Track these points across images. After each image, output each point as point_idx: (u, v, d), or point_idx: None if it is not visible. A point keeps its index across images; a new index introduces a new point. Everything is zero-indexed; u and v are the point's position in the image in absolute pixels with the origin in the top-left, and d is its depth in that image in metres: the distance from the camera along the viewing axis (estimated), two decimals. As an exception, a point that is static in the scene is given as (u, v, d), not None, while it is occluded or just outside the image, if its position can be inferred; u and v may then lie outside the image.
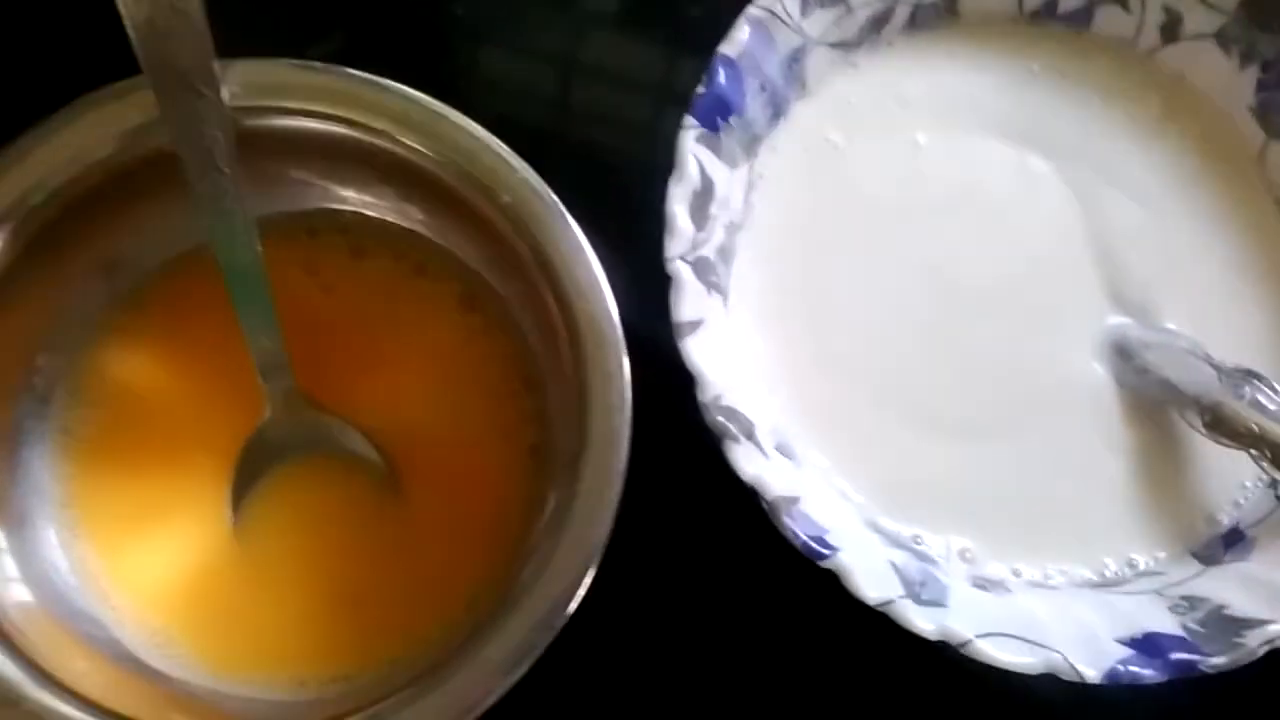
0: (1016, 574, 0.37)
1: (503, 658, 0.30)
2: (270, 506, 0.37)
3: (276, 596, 0.36)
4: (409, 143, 0.34)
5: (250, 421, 0.37)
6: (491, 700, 0.30)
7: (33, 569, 0.34)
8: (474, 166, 0.34)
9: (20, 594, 0.33)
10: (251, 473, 0.37)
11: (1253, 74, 0.41)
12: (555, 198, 0.33)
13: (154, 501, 0.37)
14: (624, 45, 0.46)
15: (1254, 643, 0.34)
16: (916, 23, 0.41)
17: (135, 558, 0.36)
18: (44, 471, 0.36)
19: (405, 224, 0.39)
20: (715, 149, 0.36)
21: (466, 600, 0.36)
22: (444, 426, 0.38)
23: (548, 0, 0.46)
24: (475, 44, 0.46)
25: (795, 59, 0.38)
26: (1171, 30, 0.41)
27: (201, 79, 0.31)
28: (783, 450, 0.36)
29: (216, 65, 0.31)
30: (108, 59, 0.32)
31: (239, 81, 0.33)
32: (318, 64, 0.34)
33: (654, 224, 0.35)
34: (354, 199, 0.38)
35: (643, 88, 0.46)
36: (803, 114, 0.40)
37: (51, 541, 0.36)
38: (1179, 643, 0.34)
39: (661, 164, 0.35)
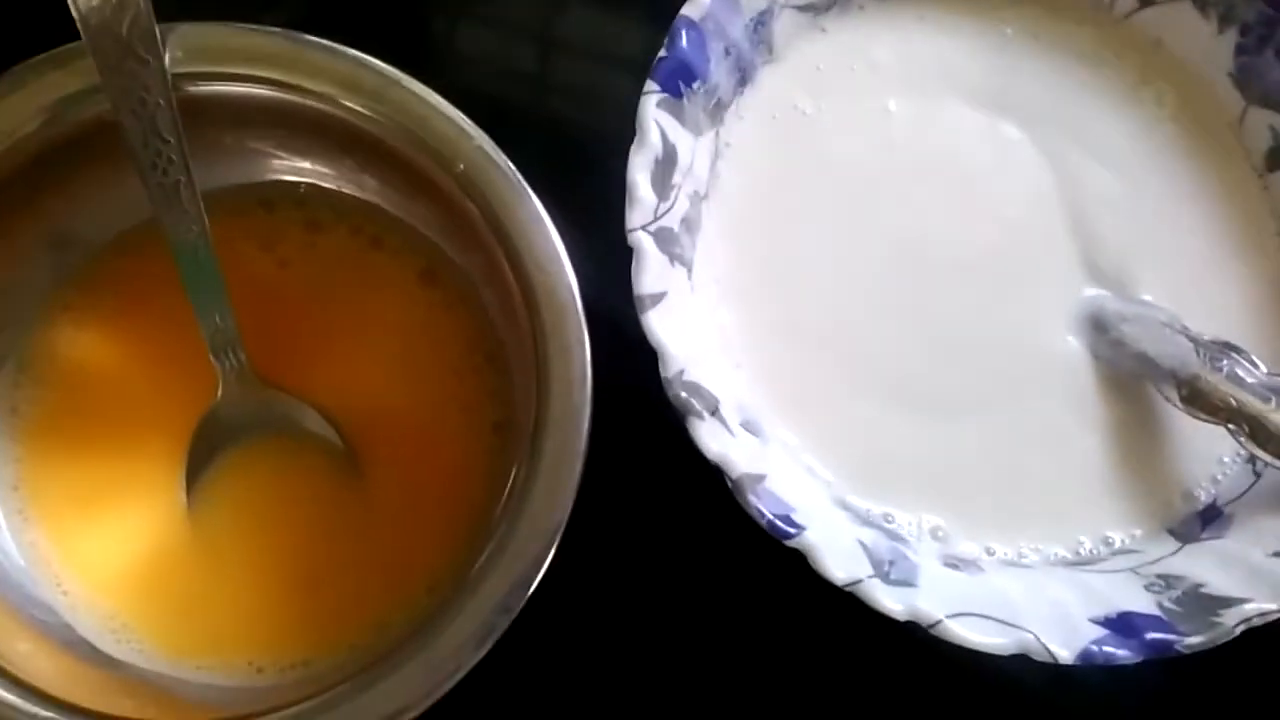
0: (989, 552, 0.37)
1: (462, 640, 0.30)
2: (225, 489, 0.36)
3: (232, 581, 0.36)
4: (360, 109, 0.33)
5: (204, 402, 0.36)
6: (451, 683, 0.29)
7: (-20, 554, 0.33)
8: (427, 133, 0.33)
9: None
10: (205, 454, 0.36)
11: (1231, 38, 0.40)
12: (512, 166, 0.33)
13: (106, 484, 0.36)
14: (597, 19, 0.46)
15: (1231, 621, 0.33)
16: (886, -15, 0.40)
17: (87, 542, 0.35)
18: (-8, 453, 0.35)
19: (363, 196, 0.38)
20: (678, 115, 0.34)
21: (427, 583, 0.35)
22: (404, 404, 0.37)
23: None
24: (443, 14, 0.45)
25: (761, 22, 0.37)
26: (1149, -8, 0.41)
27: (142, 44, 0.30)
28: (749, 427, 0.35)
29: (158, 29, 0.30)
30: (44, 24, 0.31)
31: (181, 46, 0.32)
32: (263, 28, 0.33)
33: (619, 198, 0.34)
34: (309, 170, 0.38)
35: (615, 62, 0.45)
36: (770, 80, 0.39)
37: (0, 525, 0.35)
38: (1155, 622, 0.33)
39: (630, 140, 0.34)
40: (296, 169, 0.38)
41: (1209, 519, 0.38)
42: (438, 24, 0.45)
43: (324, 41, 0.33)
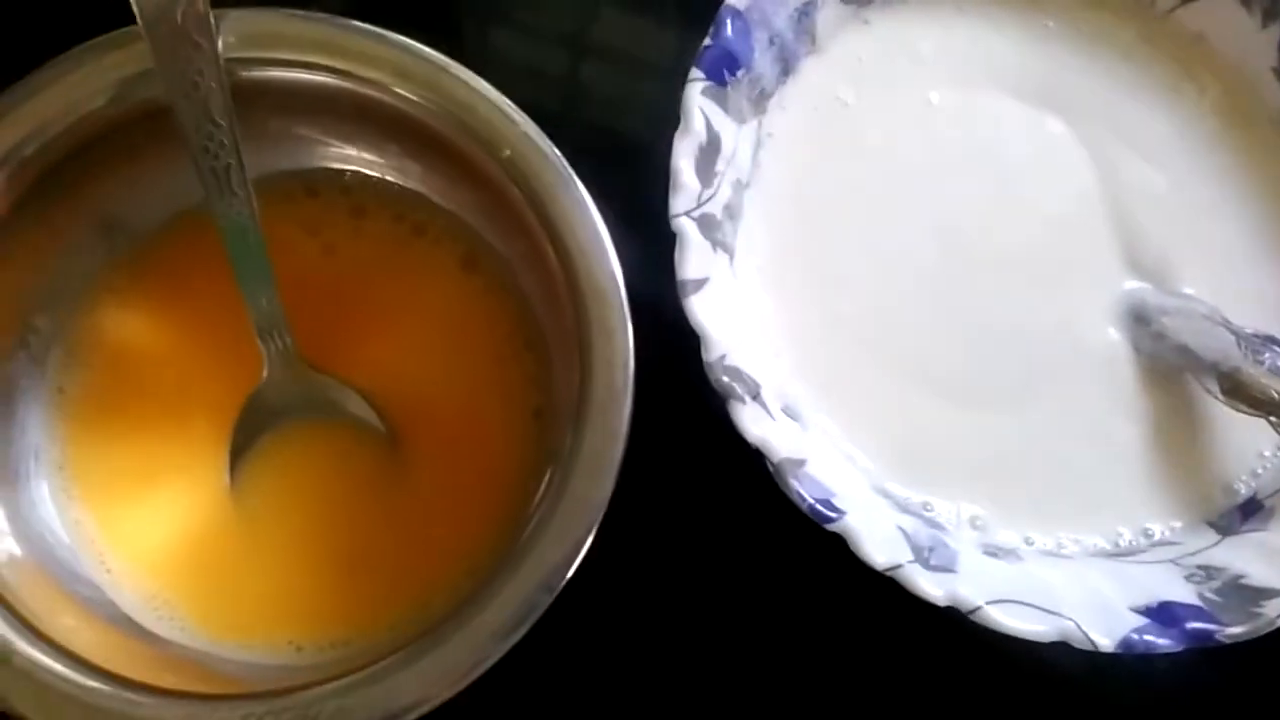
0: (1029, 542, 0.37)
1: (501, 620, 0.30)
2: (268, 469, 0.37)
3: (274, 560, 0.36)
4: (408, 95, 0.33)
5: (249, 383, 0.36)
6: (490, 663, 0.29)
7: (26, 529, 0.34)
8: (473, 119, 0.33)
9: (10, 547, 0.32)
10: (249, 435, 0.36)
11: (1275, 33, 0.40)
12: (557, 152, 0.33)
13: (150, 464, 0.36)
14: (635, 24, 0.46)
15: (1273, 612, 0.33)
16: (929, -23, 0.41)
17: (131, 520, 0.36)
18: (39, 432, 0.36)
19: (407, 184, 0.38)
20: (722, 103, 0.35)
21: (467, 566, 0.35)
22: (445, 390, 0.37)
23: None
24: (484, 22, 0.45)
25: (805, 13, 0.37)
26: (1191, -13, 0.40)
27: (196, 28, 0.31)
28: (789, 414, 0.35)
29: (212, 15, 0.31)
30: (101, 7, 0.32)
31: (234, 32, 0.33)
32: (314, 14, 0.33)
33: (661, 196, 0.35)
34: (355, 157, 0.38)
35: (650, 65, 0.45)
36: (813, 71, 0.39)
37: (47, 503, 0.35)
38: (1195, 612, 0.33)
39: (669, 137, 0.35)
40: (342, 156, 0.38)
41: (1249, 512, 0.37)
42: (470, 27, 0.46)
43: (371, 27, 0.34)
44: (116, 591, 0.35)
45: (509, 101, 0.33)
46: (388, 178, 0.38)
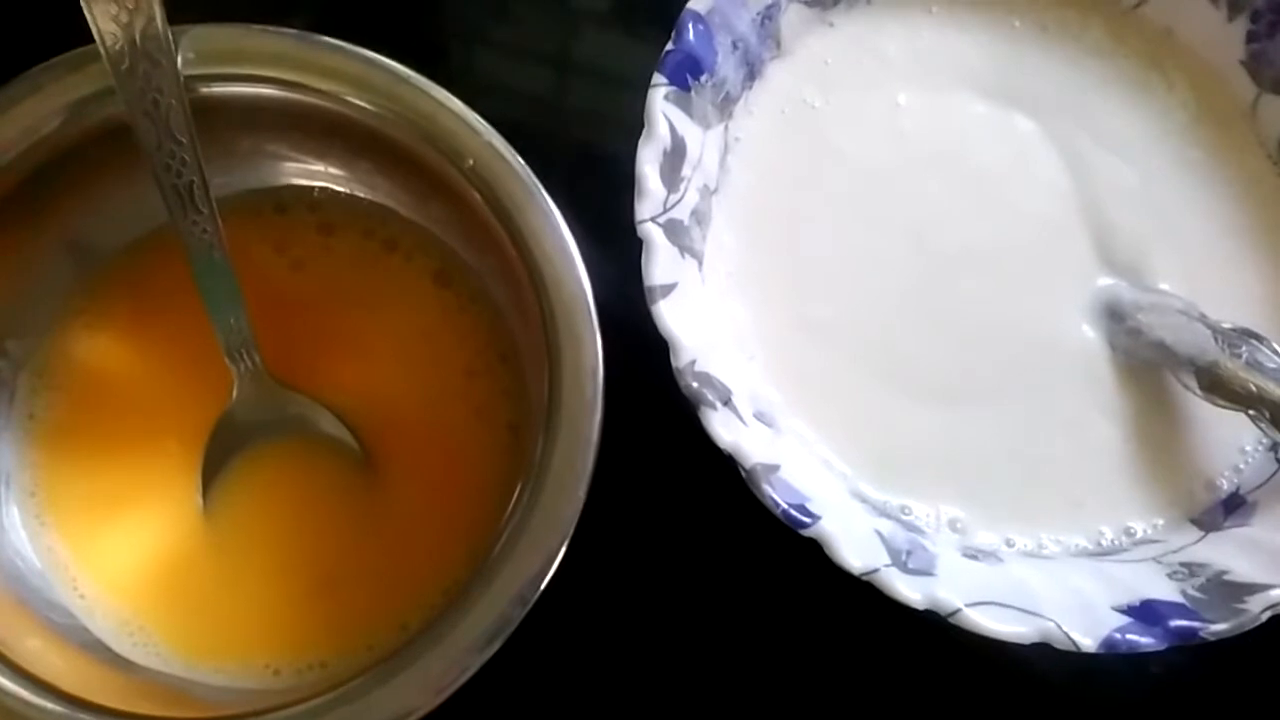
0: (1009, 544, 0.36)
1: (474, 636, 0.29)
2: (241, 491, 0.36)
3: (249, 583, 0.35)
4: (370, 107, 0.33)
5: (220, 404, 0.36)
6: (464, 678, 0.29)
7: (-4, 555, 0.33)
8: (436, 129, 0.33)
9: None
10: (221, 456, 0.36)
11: (1242, 25, 0.40)
12: (521, 161, 0.33)
13: (122, 488, 0.36)
14: (610, 40, 0.46)
15: (1257, 608, 0.32)
16: (892, -22, 0.40)
17: (104, 545, 0.35)
18: (10, 458, 0.35)
19: (376, 199, 0.38)
20: (686, 108, 0.35)
21: (445, 583, 0.35)
22: (420, 406, 0.37)
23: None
24: (459, 37, 0.45)
25: (769, 16, 0.37)
26: (1159, -20, 0.40)
27: (155, 46, 0.30)
28: (762, 419, 0.35)
29: (170, 31, 0.30)
30: (57, 27, 0.31)
31: (193, 48, 0.33)
32: (272, 28, 0.33)
33: (632, 206, 0.34)
34: (323, 173, 0.38)
35: (627, 81, 0.44)
36: (778, 74, 0.39)
37: (18, 529, 0.35)
38: (1178, 610, 0.33)
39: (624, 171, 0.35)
40: (310, 172, 0.38)
41: (1232, 507, 0.37)
42: (454, 45, 0.46)
43: (334, 41, 0.34)
44: (89, 617, 0.34)
45: (471, 112, 0.33)
46: (357, 193, 0.38)
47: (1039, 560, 0.36)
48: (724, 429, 0.32)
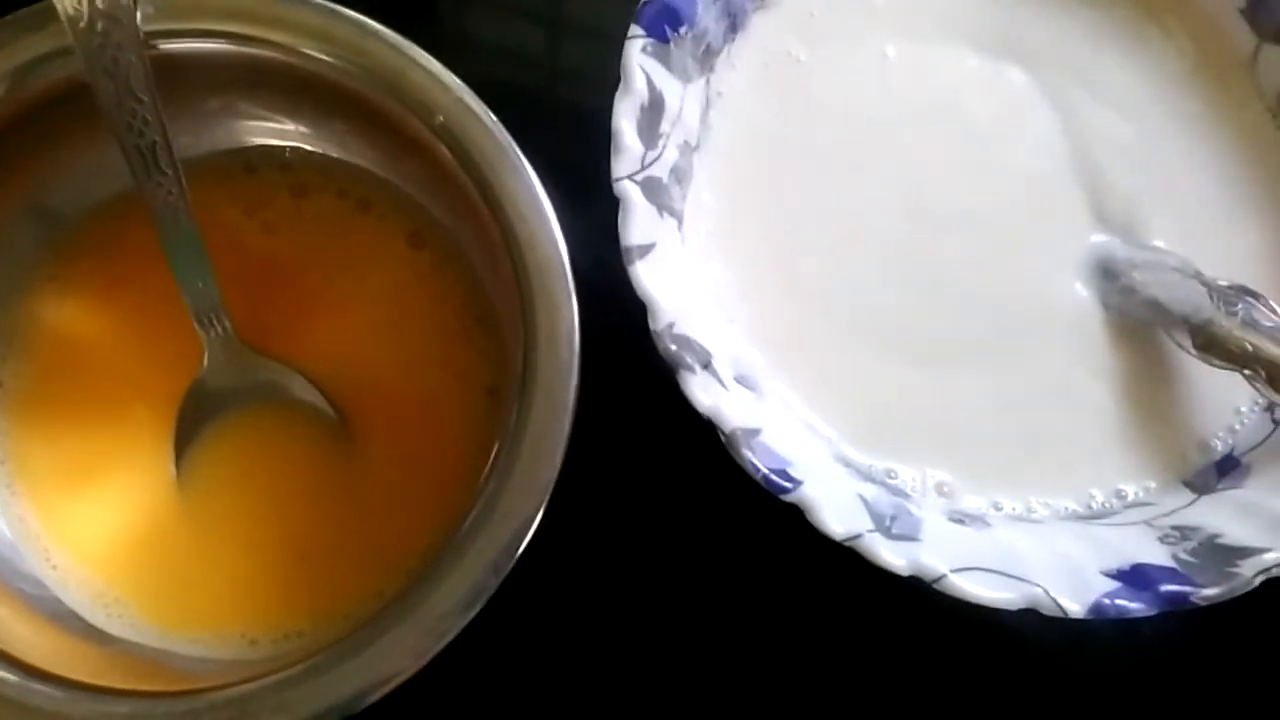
0: (997, 507, 0.36)
1: (451, 603, 0.29)
2: (215, 459, 0.36)
3: (223, 552, 0.35)
4: (335, 61, 0.32)
5: (192, 371, 0.35)
6: (440, 646, 0.29)
7: (-36, 527, 0.33)
8: (405, 85, 0.32)
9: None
10: (193, 424, 0.36)
11: (1241, -29, 0.39)
12: (493, 117, 0.32)
13: (93, 457, 0.36)
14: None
15: (1249, 572, 0.32)
16: (880, -74, 0.39)
17: (76, 515, 0.35)
18: (-22, 427, 0.35)
19: (348, 158, 0.37)
20: (665, 61, 0.34)
21: (422, 551, 0.35)
22: (396, 371, 0.37)
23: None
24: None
25: (751, -35, 0.36)
26: (1155, -74, 0.39)
27: (112, 2, 0.29)
28: (744, 382, 0.34)
29: (129, -15, 0.29)
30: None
31: (153, 3, 0.32)
32: (235, -19, 0.32)
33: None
34: (293, 133, 0.37)
35: (611, 38, 0.44)
36: (761, 26, 0.38)
37: (-13, 500, 0.34)
38: (1169, 574, 0.32)
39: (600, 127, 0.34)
40: (280, 132, 0.37)
41: (1226, 469, 0.36)
42: (441, 2, 0.45)
43: (297, -8, 0.33)
44: (62, 588, 0.34)
45: (441, 66, 0.32)
46: (329, 153, 0.37)
47: (1027, 524, 0.35)
48: (703, 393, 0.31)
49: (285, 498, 0.35)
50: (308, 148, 0.37)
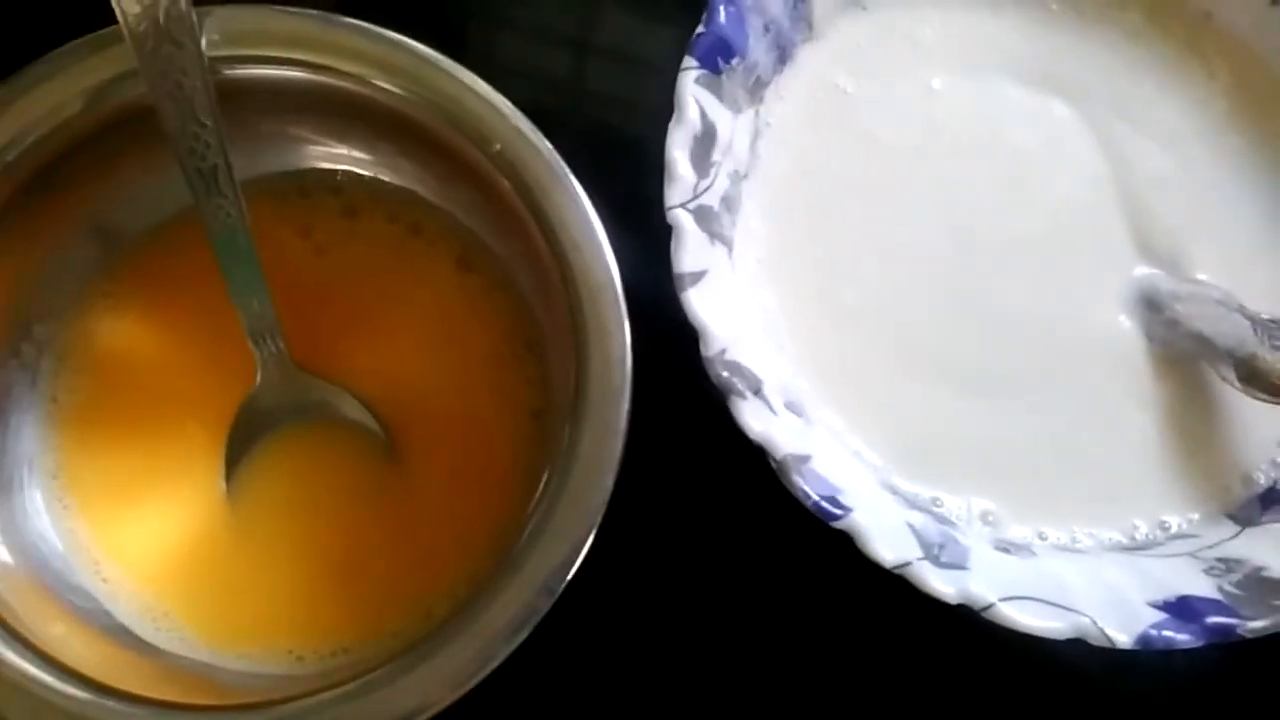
0: (1042, 537, 0.36)
1: (501, 625, 0.29)
2: (265, 476, 0.36)
3: (272, 568, 0.35)
4: (395, 90, 0.33)
5: (244, 388, 0.36)
6: (489, 669, 0.29)
7: (19, 539, 0.33)
8: (462, 113, 0.33)
9: (3, 558, 0.32)
10: (244, 441, 0.36)
11: (1285, 9, 0.39)
12: (548, 145, 0.32)
13: (145, 472, 0.36)
14: (631, 23, 0.45)
15: (1296, 606, 0.32)
16: (926, -40, 0.40)
17: (127, 530, 0.35)
18: (32, 441, 0.35)
19: (400, 183, 0.38)
20: (717, 92, 0.34)
21: (468, 571, 0.35)
22: (443, 392, 0.37)
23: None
24: (478, 20, 0.45)
25: (800, -1, 0.37)
26: (1198, -36, 0.40)
27: (179, 27, 0.30)
28: (793, 409, 0.35)
29: (194, 13, 0.30)
30: (79, 8, 0.31)
31: (218, 29, 0.32)
32: (298, 10, 0.33)
33: (659, 190, 0.34)
34: (346, 156, 0.37)
35: (648, 64, 0.44)
36: (810, 58, 0.38)
37: (40, 513, 0.35)
38: (1215, 606, 0.32)
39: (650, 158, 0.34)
40: (333, 155, 0.37)
41: (1270, 502, 0.36)
42: (473, 29, 0.45)
43: (359, 23, 0.33)
44: (112, 602, 0.34)
45: (499, 95, 0.33)
46: (380, 177, 0.38)
47: (1072, 554, 0.35)
48: (755, 419, 0.31)
49: (334, 515, 0.36)
50: (359, 171, 0.38)
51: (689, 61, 0.33)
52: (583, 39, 0.45)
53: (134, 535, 0.35)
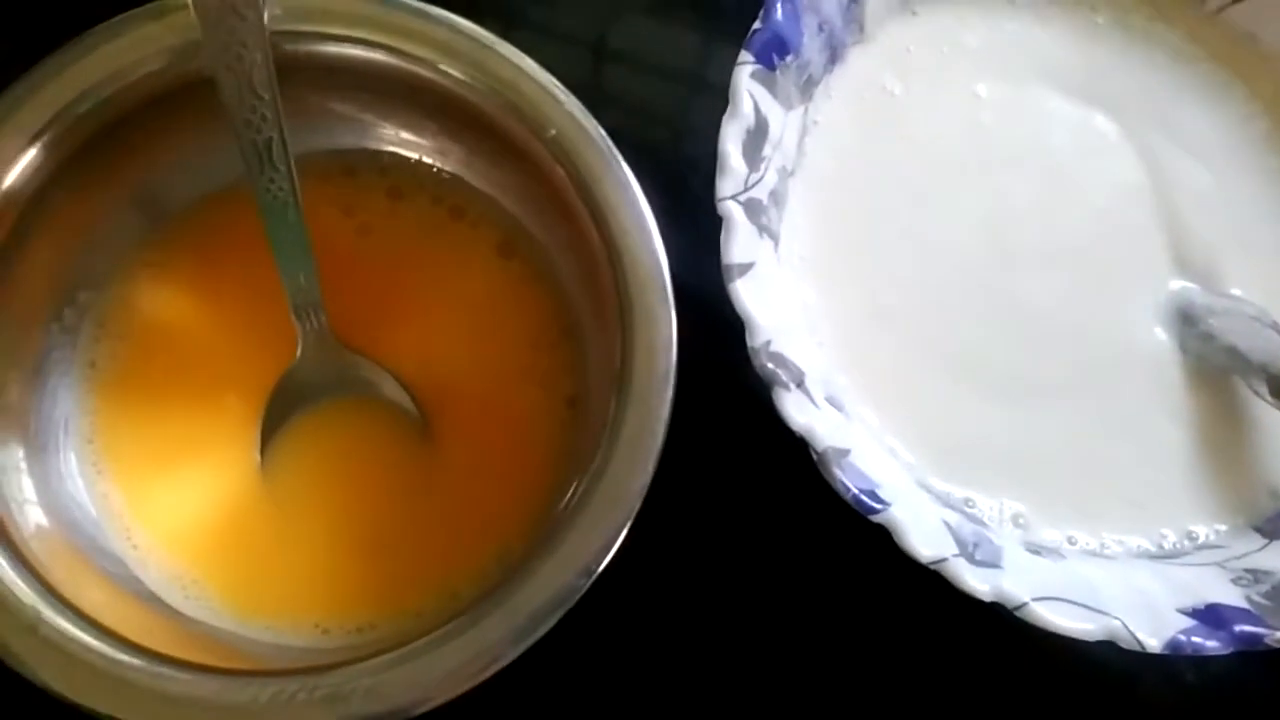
0: (1071, 541, 0.36)
1: (538, 604, 0.29)
2: (299, 449, 0.36)
3: (302, 542, 0.35)
4: (453, 73, 0.33)
5: (281, 362, 0.36)
6: (524, 647, 0.29)
7: (54, 501, 0.33)
8: (519, 98, 0.33)
9: (38, 518, 0.32)
10: (281, 414, 0.36)
11: (1327, 33, 0.39)
12: (603, 132, 0.33)
13: (180, 440, 0.36)
14: (657, 31, 0.45)
15: (1322, 617, 0.32)
16: (978, -30, 0.40)
17: (159, 497, 0.35)
18: (70, 404, 0.35)
19: (445, 166, 0.38)
20: (770, 88, 0.34)
21: (495, 553, 0.35)
22: (479, 375, 0.37)
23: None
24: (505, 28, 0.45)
25: (854, 0, 0.37)
26: (1244, -13, 0.40)
27: (243, 0, 0.30)
28: (832, 404, 0.35)
29: (259, -14, 0.30)
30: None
31: (281, 4, 0.33)
32: (362, -12, 0.33)
33: (701, 183, 0.34)
34: (394, 137, 0.38)
35: (675, 75, 0.45)
36: (860, 60, 0.39)
37: (75, 476, 0.35)
38: (1243, 615, 0.32)
39: (689, 152, 0.34)
40: (381, 136, 0.38)
41: (1298, 516, 0.37)
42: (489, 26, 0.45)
43: (418, 4, 0.34)
44: (142, 568, 0.34)
45: (555, 80, 0.33)
46: (426, 160, 0.38)
47: (1101, 559, 0.36)
48: (797, 411, 0.32)
49: (365, 492, 0.36)
50: (406, 154, 0.38)
51: (745, 56, 0.34)
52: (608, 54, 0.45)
53: (166, 503, 0.35)
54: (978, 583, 0.31)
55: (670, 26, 0.45)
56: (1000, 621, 0.32)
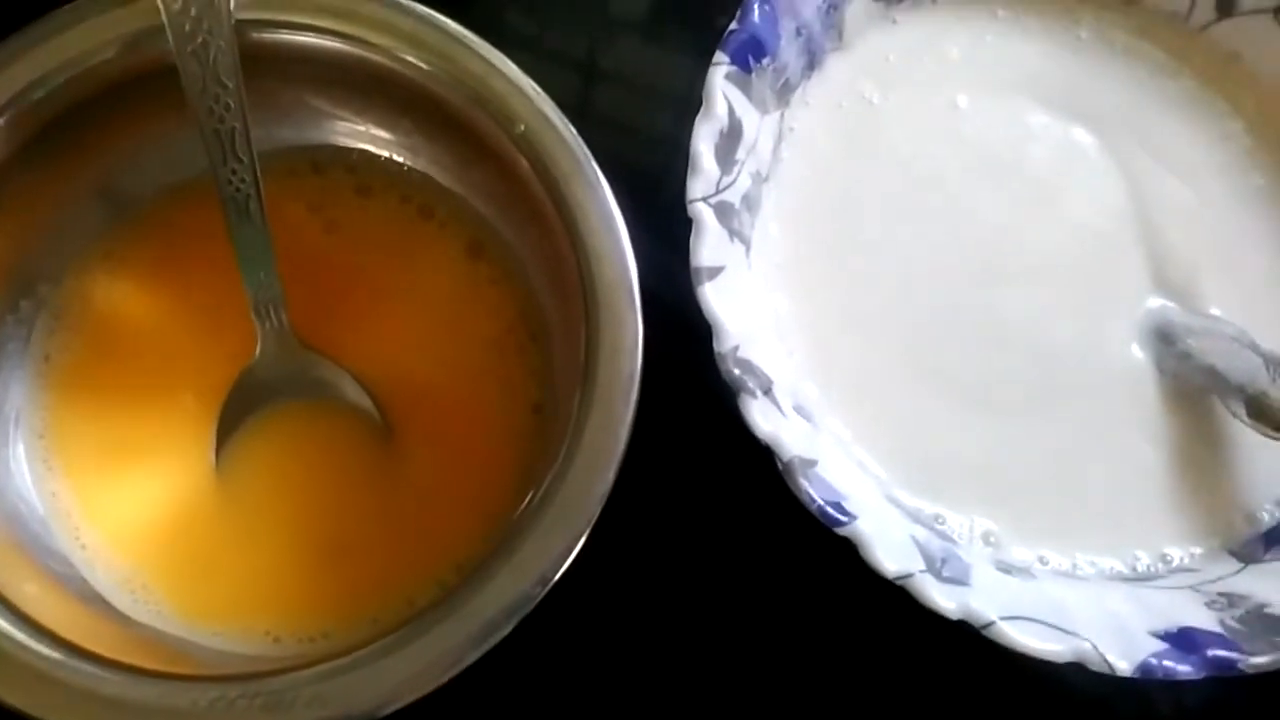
0: (1043, 561, 0.35)
1: (491, 613, 0.28)
2: (255, 450, 0.35)
3: (256, 547, 0.35)
4: (421, 65, 0.33)
5: (240, 361, 0.35)
6: (475, 656, 0.28)
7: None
8: (487, 92, 0.32)
9: (-21, 513, 0.31)
10: (238, 414, 0.35)
11: (1312, 53, 0.39)
12: (573, 130, 0.32)
13: (134, 438, 0.35)
14: (649, 53, 0.45)
15: (1298, 643, 0.31)
16: (960, -20, 0.40)
17: (110, 496, 0.35)
18: (21, 398, 0.35)
19: (416, 164, 0.37)
20: (746, 90, 0.34)
21: (455, 561, 0.34)
22: (444, 379, 0.36)
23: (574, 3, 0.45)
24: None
25: (834, 5, 0.37)
26: (1227, 5, 0.40)
27: (208, -16, 0.30)
28: (800, 413, 0.34)
29: (224, -29, 0.30)
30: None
31: (247, -9, 0.32)
32: (329, -23, 0.32)
33: (673, 186, 0.34)
34: (363, 134, 0.37)
35: (665, 97, 0.44)
36: (838, 67, 0.39)
37: (23, 472, 0.34)
38: (1217, 639, 0.32)
39: (679, 169, 0.34)
40: (351, 132, 0.37)
41: (1273, 541, 0.36)
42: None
43: (390, -4, 0.33)
44: (90, 569, 0.34)
45: (525, 76, 0.32)
46: (395, 157, 0.37)
47: (1073, 580, 0.35)
48: (763, 418, 0.31)
49: (322, 496, 0.35)
50: (376, 151, 0.37)
51: (720, 57, 0.33)
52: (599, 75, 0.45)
53: (117, 502, 0.34)
54: (944, 600, 0.30)
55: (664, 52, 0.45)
56: (969, 641, 0.31)
